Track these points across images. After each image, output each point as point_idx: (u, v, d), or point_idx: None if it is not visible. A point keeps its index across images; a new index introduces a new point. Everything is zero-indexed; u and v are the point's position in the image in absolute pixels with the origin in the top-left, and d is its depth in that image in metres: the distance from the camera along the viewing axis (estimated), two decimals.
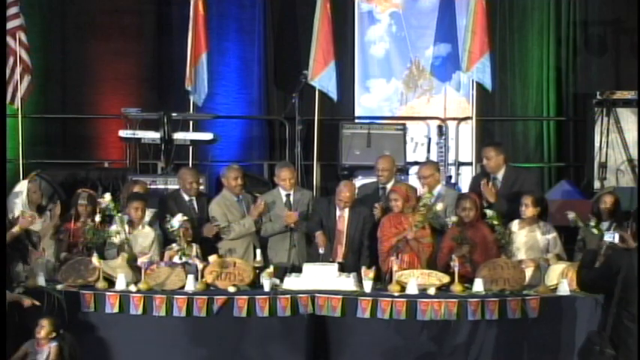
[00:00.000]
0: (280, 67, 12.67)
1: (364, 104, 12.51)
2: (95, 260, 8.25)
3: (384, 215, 8.70)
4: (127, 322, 8.05)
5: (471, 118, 11.55)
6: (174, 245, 8.42)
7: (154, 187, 9.94)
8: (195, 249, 8.50)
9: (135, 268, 8.36)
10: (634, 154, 11.21)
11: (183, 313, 7.98)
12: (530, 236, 8.51)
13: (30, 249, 8.22)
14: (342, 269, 8.37)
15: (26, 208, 8.82)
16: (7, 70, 10.88)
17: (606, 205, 8.57)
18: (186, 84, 11.43)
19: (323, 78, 11.02)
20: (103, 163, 12.15)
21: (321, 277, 8.15)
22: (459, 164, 11.75)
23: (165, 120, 10.65)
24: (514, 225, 8.55)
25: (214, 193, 9.54)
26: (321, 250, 8.65)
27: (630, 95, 11.30)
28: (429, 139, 11.96)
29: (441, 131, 11.83)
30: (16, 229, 7.94)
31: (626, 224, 8.20)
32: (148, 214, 8.84)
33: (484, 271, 8.11)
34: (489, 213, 8.37)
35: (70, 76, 12.65)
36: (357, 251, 8.79)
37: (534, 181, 9.32)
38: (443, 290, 8.07)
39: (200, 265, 8.24)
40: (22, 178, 10.19)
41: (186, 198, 9.11)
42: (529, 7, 12.58)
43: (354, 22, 12.54)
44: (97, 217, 8.62)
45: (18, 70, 10.95)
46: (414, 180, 10.32)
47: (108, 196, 8.60)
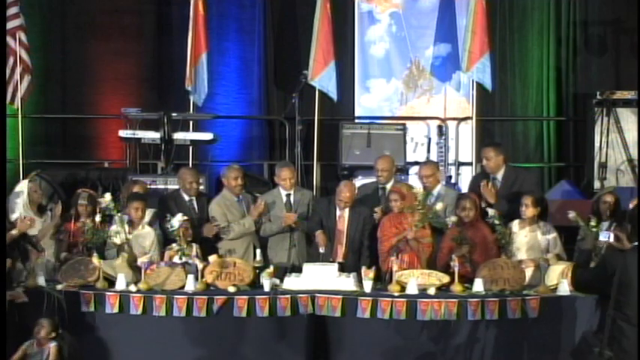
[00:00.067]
0: (280, 67, 12.67)
1: (364, 104, 12.51)
2: (95, 260, 8.26)
3: (384, 215, 8.71)
4: (127, 322, 8.04)
5: (471, 118, 11.55)
6: (174, 245, 8.40)
7: (153, 187, 9.93)
8: (195, 249, 8.49)
9: (135, 268, 8.37)
10: (634, 154, 11.20)
11: (183, 313, 7.97)
12: (531, 236, 8.50)
13: (30, 249, 8.22)
14: (342, 269, 8.36)
15: (27, 207, 8.82)
16: (7, 70, 10.89)
17: (607, 205, 8.57)
18: (186, 84, 11.43)
19: (323, 78, 11.02)
20: (103, 163, 12.14)
21: (321, 277, 8.14)
22: (459, 164, 11.74)
23: (166, 120, 10.65)
24: (514, 225, 8.55)
25: (214, 193, 9.54)
26: (321, 250, 8.65)
27: (630, 95, 11.30)
28: (429, 139, 11.96)
29: (441, 131, 11.82)
30: (15, 232, 7.94)
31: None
32: (147, 214, 8.84)
33: (484, 271, 8.10)
34: (491, 212, 8.37)
35: (70, 76, 12.65)
36: (357, 251, 8.78)
37: (534, 181, 9.32)
38: (443, 290, 8.07)
39: (200, 265, 8.24)
40: (22, 178, 10.19)
41: (186, 198, 9.10)
42: (529, 7, 12.58)
43: (354, 22, 12.53)
44: (97, 217, 8.63)
45: (18, 70, 10.95)
46: (414, 180, 10.32)
47: (108, 196, 8.60)
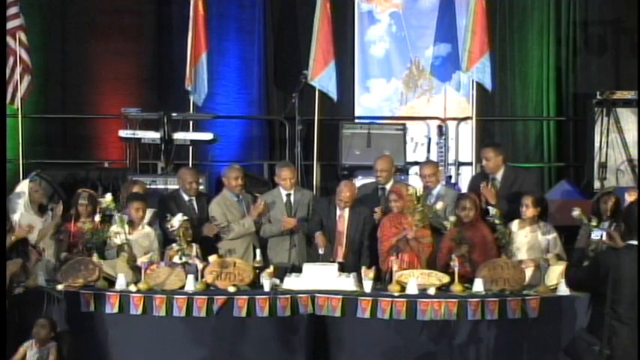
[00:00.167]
0: (280, 67, 12.67)
1: (364, 104, 12.51)
2: (95, 260, 8.26)
3: (384, 215, 8.70)
4: (126, 322, 8.03)
5: (471, 118, 11.56)
6: (174, 245, 8.40)
7: (154, 187, 9.93)
8: (195, 249, 8.48)
9: (135, 268, 8.36)
10: (634, 154, 11.21)
11: (183, 313, 7.96)
12: (531, 236, 8.49)
13: (30, 249, 8.22)
14: (342, 269, 8.36)
15: (28, 208, 8.82)
16: (7, 70, 10.89)
17: (607, 205, 8.56)
18: (186, 84, 11.44)
19: (323, 78, 11.02)
20: (103, 163, 12.14)
21: (321, 277, 8.13)
22: (459, 164, 11.74)
23: (166, 120, 10.65)
24: (514, 225, 8.54)
25: (214, 193, 9.54)
26: (321, 251, 8.64)
27: (630, 95, 11.30)
28: (429, 139, 11.96)
29: (441, 131, 11.82)
30: (12, 238, 7.93)
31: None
32: (147, 214, 8.84)
33: (484, 271, 8.10)
34: (492, 211, 8.36)
35: (70, 76, 12.65)
36: (357, 251, 8.78)
37: (534, 181, 9.31)
38: (443, 290, 8.06)
39: (200, 265, 8.23)
40: (22, 178, 10.20)
41: (186, 198, 9.10)
42: (529, 7, 12.58)
43: (354, 22, 12.54)
44: (97, 217, 8.62)
45: (18, 70, 10.95)
46: (413, 180, 10.32)
47: (109, 197, 8.60)
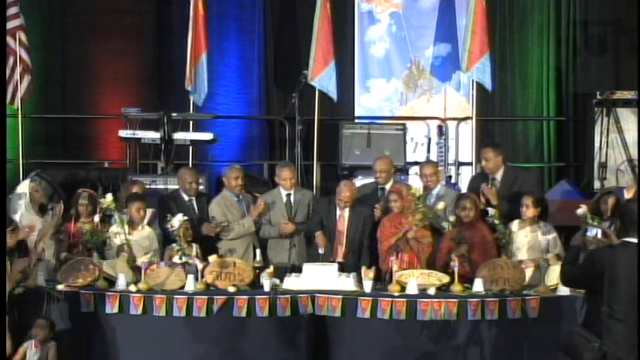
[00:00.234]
0: (280, 67, 12.67)
1: (364, 104, 12.51)
2: (95, 260, 8.26)
3: (384, 215, 8.70)
4: (126, 322, 8.03)
5: (471, 118, 11.55)
6: (174, 245, 8.39)
7: (154, 187, 9.93)
8: (195, 249, 8.49)
9: (135, 268, 8.36)
10: (634, 154, 11.20)
11: (183, 313, 7.96)
12: (531, 236, 8.49)
13: (30, 249, 8.21)
14: (342, 269, 8.35)
15: (29, 208, 8.83)
16: (7, 70, 10.89)
17: (607, 205, 8.56)
18: (186, 84, 11.43)
19: (323, 78, 11.02)
20: (103, 163, 12.14)
21: (321, 277, 8.13)
22: (459, 164, 11.74)
23: (165, 120, 10.65)
24: (514, 225, 8.54)
25: (214, 193, 9.54)
26: (321, 251, 8.65)
27: (630, 95, 11.30)
28: (429, 139, 11.96)
29: (441, 131, 11.82)
30: (12, 241, 7.92)
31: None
32: (147, 214, 8.84)
33: (484, 271, 8.10)
34: (491, 212, 8.36)
35: (70, 76, 12.64)
36: (357, 251, 8.78)
37: (534, 182, 9.30)
38: (443, 290, 8.06)
39: (200, 265, 8.23)
40: (22, 178, 10.20)
41: (186, 198, 9.09)
42: (529, 7, 12.58)
43: (354, 22, 12.54)
44: (97, 217, 8.62)
45: (18, 70, 10.95)
46: (413, 180, 10.32)
47: (109, 197, 8.59)
